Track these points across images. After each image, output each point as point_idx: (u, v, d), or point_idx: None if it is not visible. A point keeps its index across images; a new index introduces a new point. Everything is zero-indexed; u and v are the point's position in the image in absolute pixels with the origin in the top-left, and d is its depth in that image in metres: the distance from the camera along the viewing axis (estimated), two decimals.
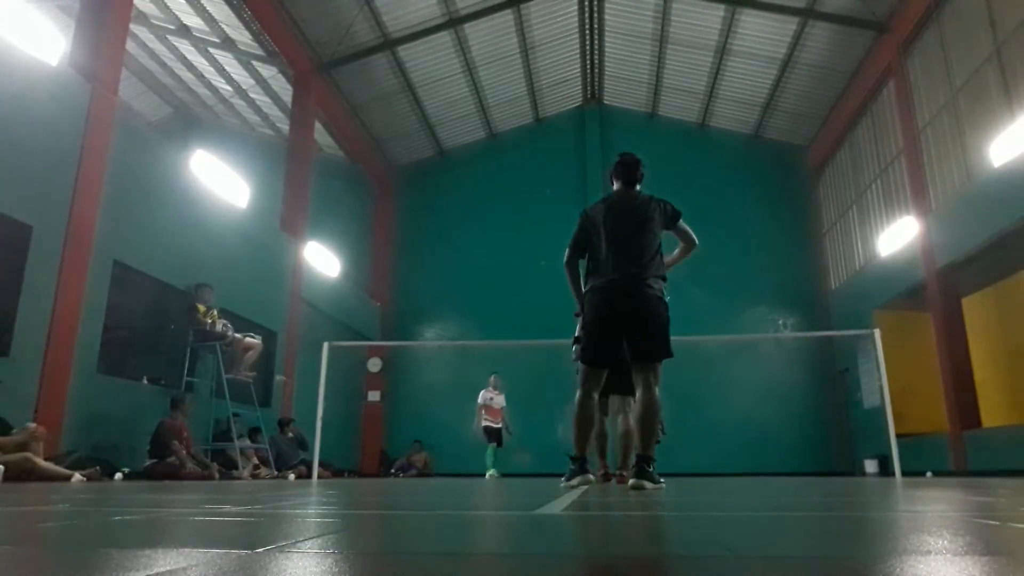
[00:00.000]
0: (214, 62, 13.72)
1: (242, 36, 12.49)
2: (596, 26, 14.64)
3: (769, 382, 14.87)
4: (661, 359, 3.96)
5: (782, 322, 15.39)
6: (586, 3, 14.08)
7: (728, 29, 13.29)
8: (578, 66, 15.94)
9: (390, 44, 13.26)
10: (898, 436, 8.20)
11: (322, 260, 13.56)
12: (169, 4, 11.98)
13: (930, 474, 9.55)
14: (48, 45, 7.19)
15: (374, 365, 15.79)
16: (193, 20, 12.37)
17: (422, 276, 16.45)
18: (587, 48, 15.33)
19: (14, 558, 1.13)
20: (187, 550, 1.17)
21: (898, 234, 12.04)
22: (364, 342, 14.62)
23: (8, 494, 3.43)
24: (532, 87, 15.86)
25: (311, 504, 2.73)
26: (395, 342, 15.64)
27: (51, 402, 6.49)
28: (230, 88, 14.58)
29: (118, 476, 6.64)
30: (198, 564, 0.98)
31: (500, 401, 11.17)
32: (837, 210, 15.33)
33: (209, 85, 14.75)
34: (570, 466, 4.12)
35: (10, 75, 6.38)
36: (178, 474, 7.20)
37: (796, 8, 12.40)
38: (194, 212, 9.19)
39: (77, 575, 0.94)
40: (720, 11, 12.97)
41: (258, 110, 15.44)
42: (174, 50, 13.56)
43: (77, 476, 5.82)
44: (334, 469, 11.31)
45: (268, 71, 13.57)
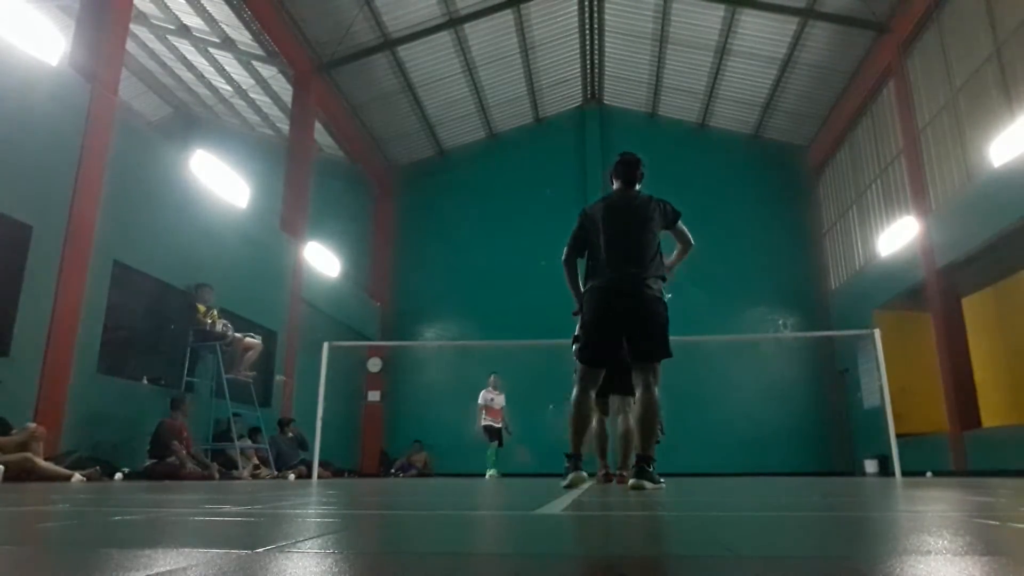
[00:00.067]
0: (214, 62, 13.72)
1: (242, 36, 12.49)
2: (596, 26, 14.64)
3: (769, 382, 14.87)
4: (660, 359, 3.95)
5: (782, 322, 15.39)
6: (586, 3, 14.07)
7: (728, 29, 13.29)
8: (578, 66, 15.94)
9: (390, 44, 13.26)
10: (898, 436, 8.20)
11: (322, 260, 13.56)
12: (169, 4, 11.98)
13: (930, 474, 9.55)
14: (48, 45, 7.18)
15: (374, 365, 15.79)
16: (193, 20, 12.37)
17: (422, 276, 16.44)
18: (587, 48, 15.33)
19: (14, 558, 1.13)
20: (187, 550, 1.17)
21: (898, 234, 12.04)
22: (364, 342, 14.62)
23: (8, 494, 3.43)
24: (532, 87, 15.85)
25: (311, 504, 2.73)
26: (395, 342, 15.64)
27: (51, 402, 6.49)
28: (230, 88, 14.59)
29: (118, 476, 6.64)
30: (198, 564, 0.98)
31: (500, 401, 11.18)
32: (837, 210, 15.33)
33: (209, 85, 14.76)
34: (565, 464, 4.12)
35: (10, 75, 6.39)
36: (178, 474, 7.20)
37: (796, 8, 12.40)
38: (194, 212, 9.19)
39: (77, 575, 0.94)
40: (720, 11, 12.97)
41: (258, 110, 15.44)
42: (174, 50, 13.56)
43: (77, 476, 5.82)
44: (334, 469, 11.31)
45: (268, 71, 13.57)
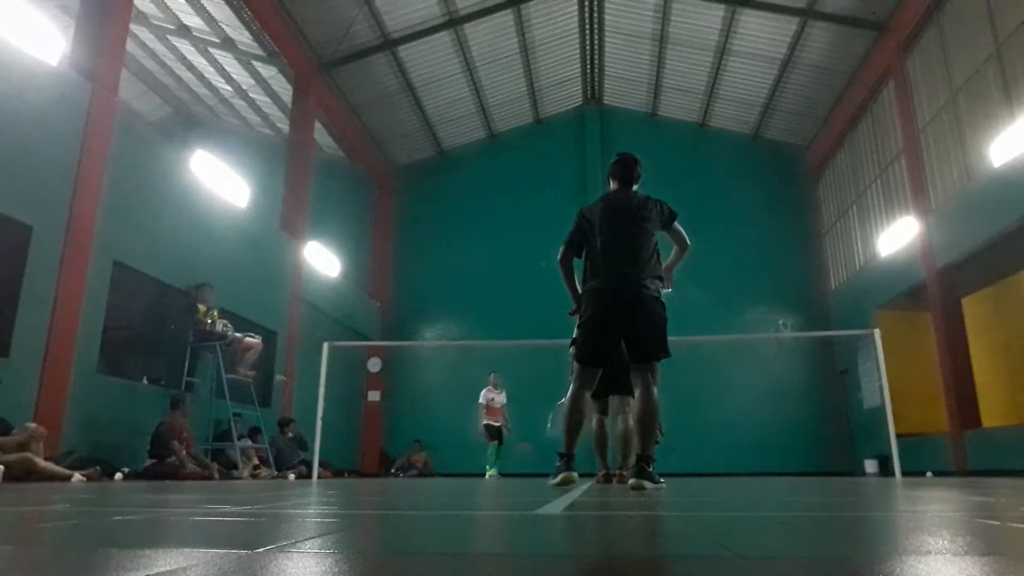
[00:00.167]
0: (214, 62, 13.72)
1: (242, 36, 12.49)
2: (596, 26, 14.63)
3: (769, 382, 14.86)
4: (659, 359, 3.95)
5: (782, 322, 15.39)
6: (586, 3, 14.07)
7: (728, 29, 13.28)
8: (578, 66, 15.94)
9: (390, 44, 13.26)
10: (898, 436, 8.20)
11: (322, 260, 13.56)
12: (169, 4, 11.98)
13: (930, 474, 9.55)
14: (48, 45, 7.18)
15: (374, 365, 15.79)
16: (193, 20, 12.37)
17: (422, 276, 16.44)
18: (587, 48, 15.33)
19: (14, 558, 1.13)
20: (187, 550, 1.17)
21: (898, 234, 12.04)
22: (364, 342, 14.62)
23: (8, 494, 3.43)
24: (532, 87, 15.85)
25: (311, 504, 2.73)
26: (395, 342, 15.63)
27: (51, 402, 6.49)
28: (230, 88, 14.59)
29: (118, 476, 6.64)
30: (198, 564, 0.98)
31: (501, 400, 11.18)
32: (837, 210, 15.33)
33: (209, 85, 14.76)
34: (557, 462, 4.12)
35: (10, 75, 6.38)
36: (178, 474, 7.20)
37: (796, 8, 12.40)
38: (194, 212, 9.19)
39: (77, 575, 0.94)
40: (720, 11, 12.97)
41: (258, 110, 15.44)
42: (174, 50, 13.57)
43: (77, 476, 5.83)
44: (334, 469, 11.31)
45: (268, 71, 13.57)
